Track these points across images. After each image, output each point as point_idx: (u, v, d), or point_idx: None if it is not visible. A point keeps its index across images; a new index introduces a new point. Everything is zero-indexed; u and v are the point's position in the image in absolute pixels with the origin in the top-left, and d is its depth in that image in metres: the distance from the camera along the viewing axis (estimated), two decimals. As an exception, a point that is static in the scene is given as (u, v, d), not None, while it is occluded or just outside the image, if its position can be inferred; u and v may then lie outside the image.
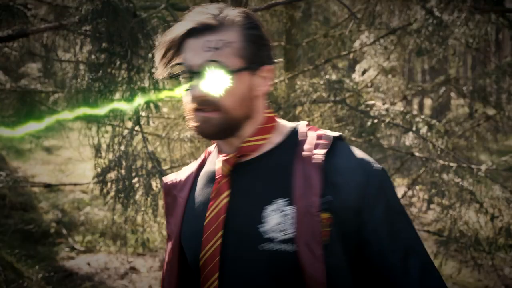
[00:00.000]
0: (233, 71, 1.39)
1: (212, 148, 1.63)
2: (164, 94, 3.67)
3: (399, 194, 5.94)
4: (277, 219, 1.37)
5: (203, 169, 1.59)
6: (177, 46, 1.44)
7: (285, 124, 1.53)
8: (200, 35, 1.40)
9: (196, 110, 1.42)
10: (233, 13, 1.43)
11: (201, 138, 1.47)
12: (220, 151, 1.52)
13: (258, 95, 1.46)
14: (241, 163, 1.47)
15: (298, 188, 1.38)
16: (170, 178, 1.65)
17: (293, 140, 1.48)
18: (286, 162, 1.44)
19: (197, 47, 1.39)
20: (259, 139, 1.48)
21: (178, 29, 1.42)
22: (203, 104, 1.40)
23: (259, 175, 1.45)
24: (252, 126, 1.47)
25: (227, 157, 1.47)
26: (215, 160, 1.55)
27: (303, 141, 1.46)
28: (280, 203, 1.39)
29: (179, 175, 1.64)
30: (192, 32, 1.40)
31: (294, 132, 1.51)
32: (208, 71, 1.38)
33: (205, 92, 1.39)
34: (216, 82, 1.39)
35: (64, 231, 7.36)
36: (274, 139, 1.49)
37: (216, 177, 1.49)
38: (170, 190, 1.63)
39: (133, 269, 6.52)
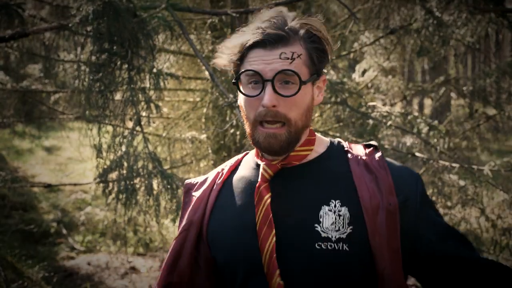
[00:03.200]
0: (304, 82, 1.46)
1: (239, 155, 1.69)
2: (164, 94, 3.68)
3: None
4: (332, 219, 1.45)
5: (237, 173, 1.63)
6: (242, 55, 1.49)
7: (322, 137, 1.61)
8: (272, 46, 1.45)
9: (261, 123, 1.47)
10: (298, 25, 1.49)
11: (265, 153, 1.52)
12: (261, 157, 1.56)
13: (314, 105, 1.54)
14: (284, 169, 1.53)
15: (365, 189, 1.47)
16: (190, 180, 1.72)
17: (338, 150, 1.58)
18: (338, 167, 1.53)
19: (270, 58, 1.45)
20: (306, 149, 1.55)
21: (245, 38, 1.47)
22: (271, 115, 1.45)
23: (309, 179, 1.52)
24: (304, 137, 1.54)
25: (270, 164, 1.52)
26: (251, 166, 1.61)
27: (349, 151, 1.56)
28: (335, 204, 1.47)
29: (198, 178, 1.71)
30: (261, 43, 1.46)
31: (335, 144, 1.60)
32: (281, 81, 1.45)
33: (277, 101, 1.44)
34: (288, 92, 1.45)
35: (64, 231, 7.35)
36: (317, 149, 1.57)
37: (258, 182, 1.53)
38: (188, 190, 1.69)
39: (133, 269, 6.52)
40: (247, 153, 1.69)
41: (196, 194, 1.65)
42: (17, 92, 5.79)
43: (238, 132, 4.79)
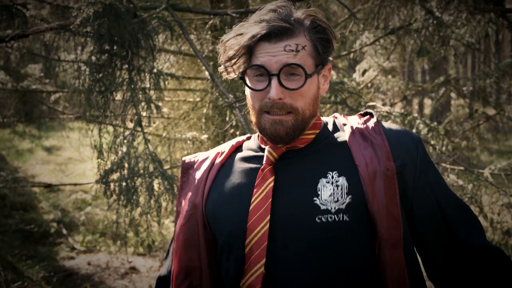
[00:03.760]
0: (309, 75, 1.46)
1: (240, 138, 1.69)
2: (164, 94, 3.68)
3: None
4: (330, 190, 1.45)
5: (238, 154, 1.63)
6: (249, 48, 1.47)
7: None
8: (276, 39, 1.45)
9: (266, 112, 1.48)
10: (303, 16, 1.49)
11: (270, 140, 1.52)
12: (265, 141, 1.57)
13: (320, 94, 1.54)
14: (288, 152, 1.54)
15: (361, 157, 1.47)
16: (189, 157, 1.70)
17: (334, 124, 1.59)
18: (334, 140, 1.54)
19: (274, 50, 1.45)
20: (312, 133, 1.56)
21: (251, 32, 1.46)
22: (278, 107, 1.46)
23: (308, 158, 1.52)
24: (312, 122, 1.55)
25: (275, 147, 1.53)
26: (254, 148, 1.61)
27: (345, 124, 1.57)
28: (332, 175, 1.47)
29: (198, 157, 1.69)
30: (267, 36, 1.45)
31: (331, 119, 1.61)
32: (286, 73, 1.45)
33: (283, 94, 1.45)
34: (294, 85, 1.45)
35: (64, 231, 7.36)
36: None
37: (262, 165, 1.53)
38: (187, 169, 1.68)
39: (133, 269, 6.52)
40: (249, 137, 1.68)
41: (196, 174, 1.63)
42: (17, 92, 5.79)
43: (238, 132, 4.79)
